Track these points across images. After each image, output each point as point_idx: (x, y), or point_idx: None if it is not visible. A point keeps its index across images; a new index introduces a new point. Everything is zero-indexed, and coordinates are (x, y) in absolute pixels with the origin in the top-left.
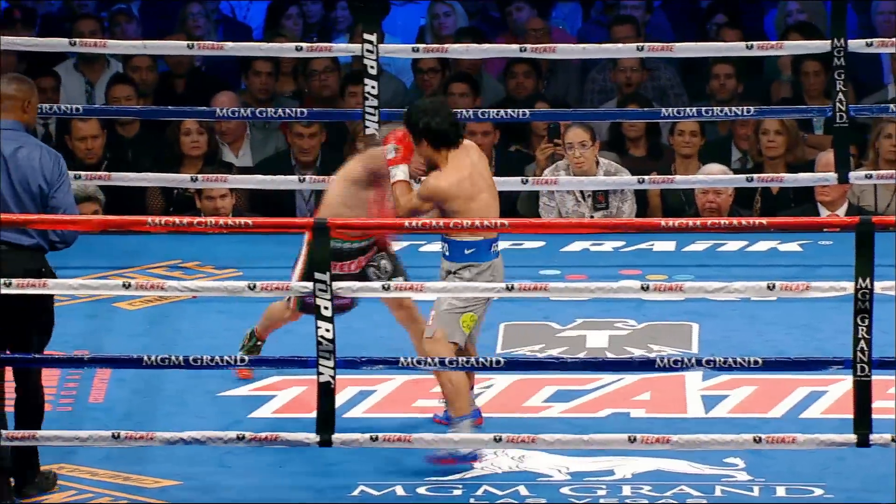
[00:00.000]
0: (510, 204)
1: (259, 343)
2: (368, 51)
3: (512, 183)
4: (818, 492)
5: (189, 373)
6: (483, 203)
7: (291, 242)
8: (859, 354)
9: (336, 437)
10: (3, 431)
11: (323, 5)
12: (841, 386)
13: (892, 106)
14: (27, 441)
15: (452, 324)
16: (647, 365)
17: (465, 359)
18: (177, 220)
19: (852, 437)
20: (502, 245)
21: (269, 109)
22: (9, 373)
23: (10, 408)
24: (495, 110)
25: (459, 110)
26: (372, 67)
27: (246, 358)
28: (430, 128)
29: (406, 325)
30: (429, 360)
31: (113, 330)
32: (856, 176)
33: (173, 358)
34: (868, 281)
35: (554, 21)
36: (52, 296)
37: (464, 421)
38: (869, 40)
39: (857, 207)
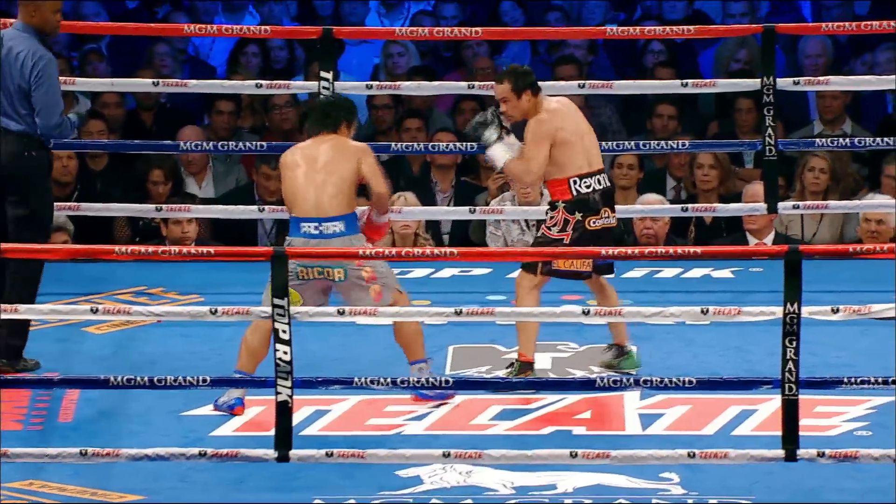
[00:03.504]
0: (463, 231)
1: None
2: (325, 88)
3: (461, 212)
4: None
5: (154, 393)
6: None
7: (252, 270)
8: (787, 375)
9: (293, 453)
10: None
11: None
12: (770, 404)
13: (817, 141)
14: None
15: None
16: (587, 385)
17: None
18: (142, 248)
19: (780, 453)
20: (450, 272)
21: (230, 143)
22: None
23: None
24: (444, 143)
25: (412, 144)
26: None
27: (208, 378)
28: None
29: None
30: (382, 379)
31: (82, 353)
32: (784, 206)
33: (138, 379)
34: (796, 306)
35: (501, 60)
36: (47, 192)
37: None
38: (796, 79)
39: (785, 236)
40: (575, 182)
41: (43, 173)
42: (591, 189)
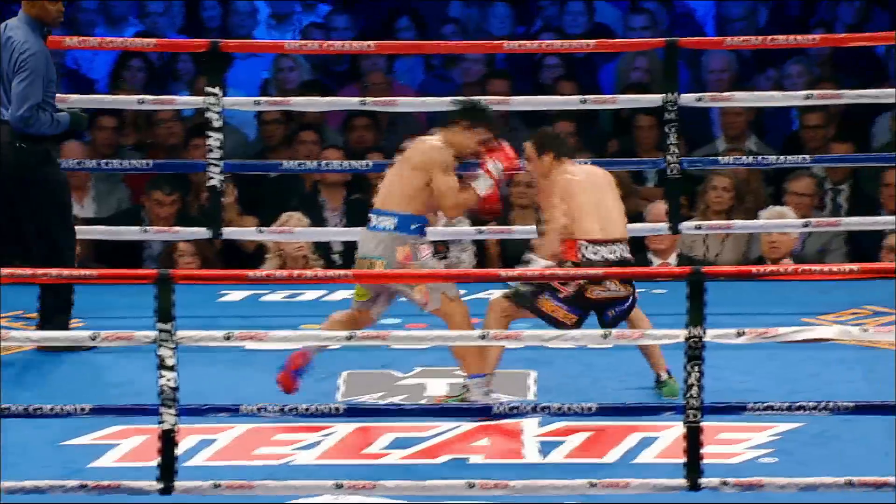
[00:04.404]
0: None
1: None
2: (212, 103)
3: (355, 233)
4: None
5: (30, 422)
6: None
7: (135, 293)
8: (690, 400)
9: (177, 484)
10: None
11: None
12: (673, 431)
13: (721, 158)
14: None
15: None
16: (484, 412)
17: None
18: (20, 271)
19: (683, 481)
20: (343, 295)
21: (113, 161)
22: None
23: None
24: (337, 161)
25: (302, 162)
26: (215, 120)
27: (89, 407)
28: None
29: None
30: (270, 406)
31: None
32: (687, 226)
33: (14, 408)
34: (699, 328)
35: (396, 75)
36: (47, 183)
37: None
38: (699, 95)
39: (688, 257)
40: (584, 247)
41: (37, 165)
42: (601, 258)
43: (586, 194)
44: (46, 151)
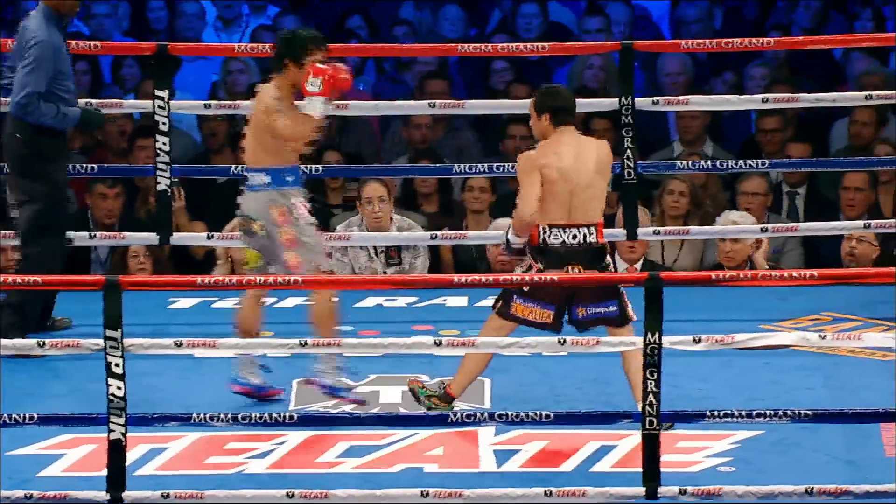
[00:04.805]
0: None
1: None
2: (160, 107)
3: None
4: None
5: None
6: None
7: (83, 300)
8: (648, 408)
9: (127, 494)
10: None
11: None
12: (631, 440)
13: (678, 163)
14: None
15: None
16: (439, 420)
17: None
18: None
19: (641, 490)
20: (294, 301)
21: None
22: None
23: None
24: None
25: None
26: (163, 124)
27: (35, 416)
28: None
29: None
30: (221, 415)
31: None
32: (643, 232)
33: None
34: (657, 335)
35: (360, 82)
36: (41, 179)
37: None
38: (655, 98)
39: (651, 262)
40: (545, 231)
41: (31, 158)
42: (560, 242)
43: (565, 182)
44: (39, 144)
